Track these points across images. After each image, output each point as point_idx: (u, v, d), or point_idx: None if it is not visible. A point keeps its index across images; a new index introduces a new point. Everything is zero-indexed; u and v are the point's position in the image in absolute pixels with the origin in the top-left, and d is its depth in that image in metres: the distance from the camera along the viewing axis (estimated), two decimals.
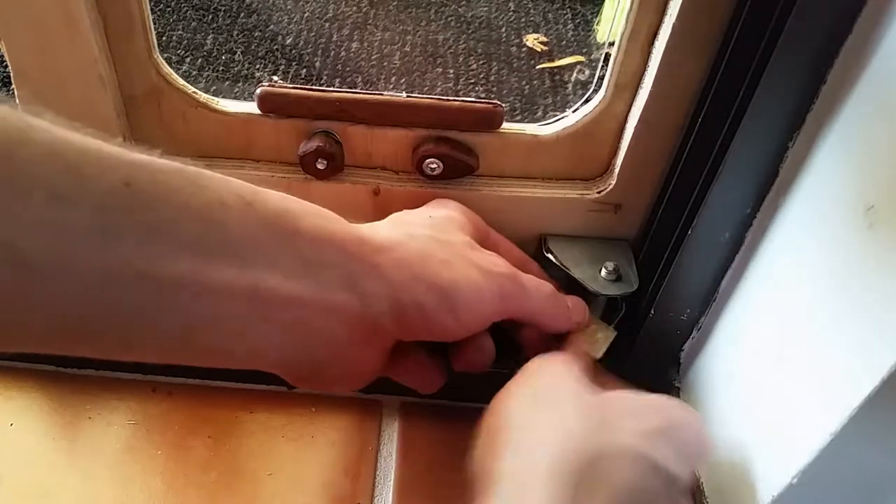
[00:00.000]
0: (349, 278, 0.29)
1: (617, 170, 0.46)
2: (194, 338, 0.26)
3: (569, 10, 1.23)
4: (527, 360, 0.37)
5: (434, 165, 0.45)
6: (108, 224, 0.23)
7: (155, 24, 0.43)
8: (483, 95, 1.03)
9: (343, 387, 0.34)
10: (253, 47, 1.10)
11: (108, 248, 0.23)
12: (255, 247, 0.27)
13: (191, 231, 0.25)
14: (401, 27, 1.16)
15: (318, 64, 1.08)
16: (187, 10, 1.16)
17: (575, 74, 1.10)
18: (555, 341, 0.42)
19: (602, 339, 0.44)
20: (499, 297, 0.34)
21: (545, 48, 1.14)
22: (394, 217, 0.38)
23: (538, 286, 0.38)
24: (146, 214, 0.24)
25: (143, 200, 0.24)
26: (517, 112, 1.01)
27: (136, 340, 0.25)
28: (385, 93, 0.44)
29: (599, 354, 0.44)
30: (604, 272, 0.46)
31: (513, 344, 0.42)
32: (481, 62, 1.11)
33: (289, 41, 1.12)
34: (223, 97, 0.46)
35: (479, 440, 0.33)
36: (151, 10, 0.42)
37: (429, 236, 0.35)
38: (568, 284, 0.47)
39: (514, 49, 1.14)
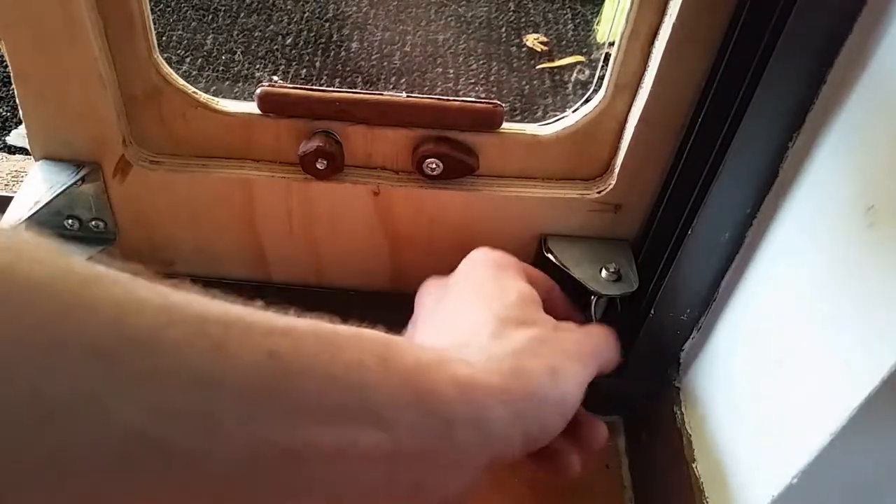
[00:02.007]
0: (482, 430, 0.29)
1: (617, 170, 0.46)
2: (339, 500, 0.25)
3: (569, 10, 1.23)
4: None
5: (434, 165, 0.45)
6: (255, 404, 0.22)
7: (155, 24, 0.43)
8: (483, 95, 1.03)
9: None
10: (253, 47, 1.10)
11: (254, 428, 0.21)
12: (395, 409, 0.26)
13: (334, 401, 0.24)
14: (401, 27, 1.16)
15: (318, 64, 1.08)
16: (187, 10, 1.16)
17: (575, 74, 1.10)
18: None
19: None
20: (590, 376, 0.35)
21: (545, 48, 1.14)
22: (481, 305, 0.36)
23: (599, 336, 0.38)
24: (291, 389, 0.23)
25: (288, 373, 0.23)
26: (517, 112, 1.01)
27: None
28: (385, 93, 0.44)
29: None
30: (604, 272, 0.46)
31: None
32: (481, 62, 1.11)
33: (289, 41, 1.12)
34: (223, 97, 0.46)
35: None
36: (151, 10, 0.42)
37: (529, 339, 0.34)
38: (568, 284, 0.47)
39: (514, 49, 1.14)
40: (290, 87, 0.44)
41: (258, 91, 0.44)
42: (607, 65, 0.43)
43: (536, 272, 0.41)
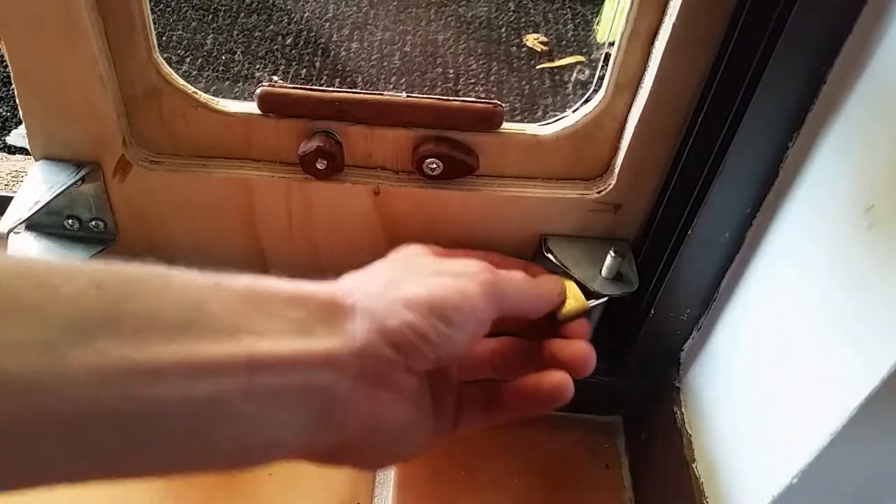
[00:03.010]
0: (333, 326, 0.29)
1: (617, 170, 0.46)
2: (205, 433, 0.25)
3: (569, 10, 1.23)
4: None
5: (434, 165, 0.45)
6: (86, 324, 0.23)
7: (155, 24, 0.43)
8: (483, 95, 1.03)
9: (383, 457, 0.33)
10: (253, 47, 1.10)
11: (92, 345, 0.22)
12: (237, 319, 0.27)
13: (172, 317, 0.25)
14: (401, 27, 1.16)
15: (318, 64, 1.08)
16: (187, 10, 1.16)
17: (575, 74, 1.10)
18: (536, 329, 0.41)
19: (570, 308, 0.44)
20: (483, 294, 0.34)
21: (545, 48, 1.14)
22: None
23: (510, 273, 0.38)
24: (122, 309, 0.24)
25: (118, 295, 0.24)
26: (517, 112, 1.01)
27: (147, 443, 0.24)
28: (385, 93, 0.44)
29: (560, 317, 0.43)
30: (604, 272, 0.46)
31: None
32: (481, 62, 1.11)
33: (289, 41, 1.12)
34: (223, 97, 0.46)
35: None
36: (151, 10, 0.42)
37: (389, 266, 0.35)
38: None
39: (514, 49, 1.14)
40: (290, 87, 0.44)
41: (258, 91, 0.44)
42: (607, 65, 0.43)
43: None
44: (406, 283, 0.32)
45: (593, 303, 0.45)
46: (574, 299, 0.44)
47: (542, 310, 0.40)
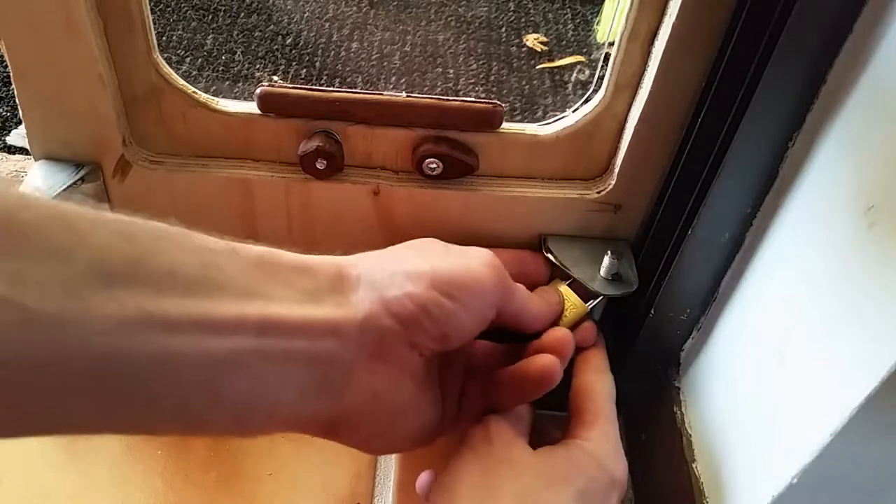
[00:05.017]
0: (338, 296, 0.30)
1: (617, 170, 0.46)
2: (215, 387, 0.26)
3: (569, 10, 1.23)
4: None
5: (434, 165, 0.45)
6: (109, 272, 0.23)
7: (155, 24, 0.43)
8: (483, 95, 1.03)
9: (385, 439, 0.33)
10: (253, 47, 1.10)
11: (112, 295, 0.23)
12: (251, 282, 0.28)
13: (192, 274, 0.26)
14: (401, 27, 1.16)
15: (318, 64, 1.08)
16: (187, 10, 1.16)
17: (575, 74, 1.10)
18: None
19: (570, 314, 0.44)
20: (491, 277, 0.34)
21: (545, 48, 1.14)
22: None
23: (517, 285, 0.38)
24: (145, 261, 0.24)
25: (141, 249, 0.25)
26: (517, 112, 1.02)
27: (156, 397, 0.25)
28: (385, 93, 0.44)
29: (562, 324, 0.43)
30: (603, 272, 0.46)
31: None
32: (481, 62, 1.11)
33: (289, 41, 1.12)
34: (223, 97, 0.46)
35: None
36: (151, 10, 0.42)
37: (400, 247, 0.35)
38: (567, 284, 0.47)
39: (514, 49, 1.14)
40: (290, 87, 0.44)
41: (258, 91, 0.44)
42: (607, 65, 0.43)
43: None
44: (413, 259, 0.32)
45: (592, 303, 0.45)
46: (573, 305, 0.44)
47: (545, 321, 0.40)
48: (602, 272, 0.46)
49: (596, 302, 0.45)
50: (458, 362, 0.38)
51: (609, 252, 0.46)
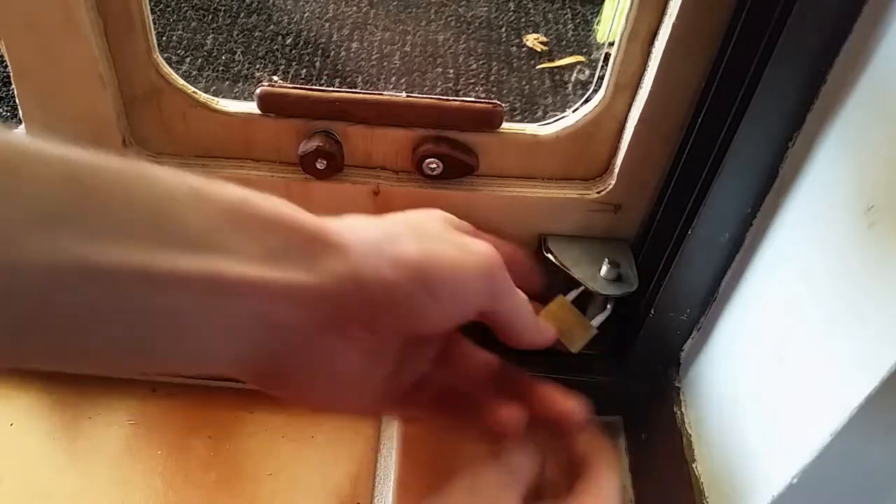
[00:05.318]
0: (309, 259, 0.28)
1: (617, 170, 0.46)
2: (151, 339, 0.25)
3: (569, 10, 1.23)
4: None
5: (434, 165, 0.45)
6: (49, 216, 0.22)
7: (155, 24, 0.43)
8: (483, 95, 1.03)
9: (316, 396, 0.31)
10: (253, 47, 1.10)
11: (51, 240, 0.22)
12: (210, 235, 0.26)
13: (140, 221, 0.24)
14: (401, 27, 1.16)
15: (318, 64, 1.08)
16: (187, 10, 1.16)
17: (575, 74, 1.10)
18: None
19: (579, 335, 0.44)
20: (484, 278, 0.32)
21: (545, 48, 1.14)
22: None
23: (519, 291, 0.36)
24: (88, 206, 0.23)
25: (85, 193, 0.23)
26: (517, 112, 1.01)
27: (90, 343, 0.24)
28: (385, 93, 0.44)
29: (575, 349, 0.43)
30: (603, 272, 0.46)
31: None
32: (481, 62, 1.11)
33: (289, 41, 1.12)
34: (223, 97, 0.46)
35: None
36: (151, 10, 0.42)
37: (400, 221, 0.32)
38: (567, 285, 0.47)
39: (514, 49, 1.14)
40: (290, 87, 0.44)
41: (258, 91, 0.44)
42: (607, 65, 0.43)
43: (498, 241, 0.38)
44: (404, 240, 0.30)
45: (600, 319, 0.45)
46: (582, 329, 0.44)
47: (531, 342, 0.38)
48: (602, 273, 0.46)
49: (603, 319, 0.45)
50: (426, 348, 0.37)
51: (606, 260, 0.46)
